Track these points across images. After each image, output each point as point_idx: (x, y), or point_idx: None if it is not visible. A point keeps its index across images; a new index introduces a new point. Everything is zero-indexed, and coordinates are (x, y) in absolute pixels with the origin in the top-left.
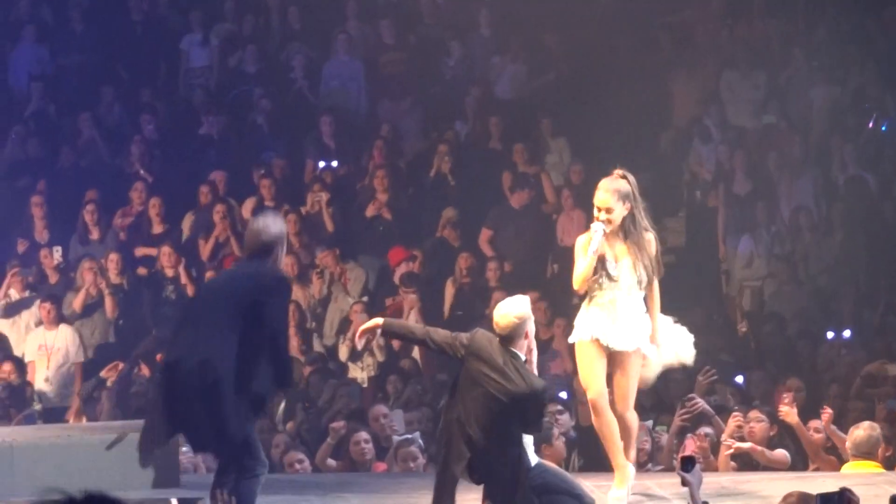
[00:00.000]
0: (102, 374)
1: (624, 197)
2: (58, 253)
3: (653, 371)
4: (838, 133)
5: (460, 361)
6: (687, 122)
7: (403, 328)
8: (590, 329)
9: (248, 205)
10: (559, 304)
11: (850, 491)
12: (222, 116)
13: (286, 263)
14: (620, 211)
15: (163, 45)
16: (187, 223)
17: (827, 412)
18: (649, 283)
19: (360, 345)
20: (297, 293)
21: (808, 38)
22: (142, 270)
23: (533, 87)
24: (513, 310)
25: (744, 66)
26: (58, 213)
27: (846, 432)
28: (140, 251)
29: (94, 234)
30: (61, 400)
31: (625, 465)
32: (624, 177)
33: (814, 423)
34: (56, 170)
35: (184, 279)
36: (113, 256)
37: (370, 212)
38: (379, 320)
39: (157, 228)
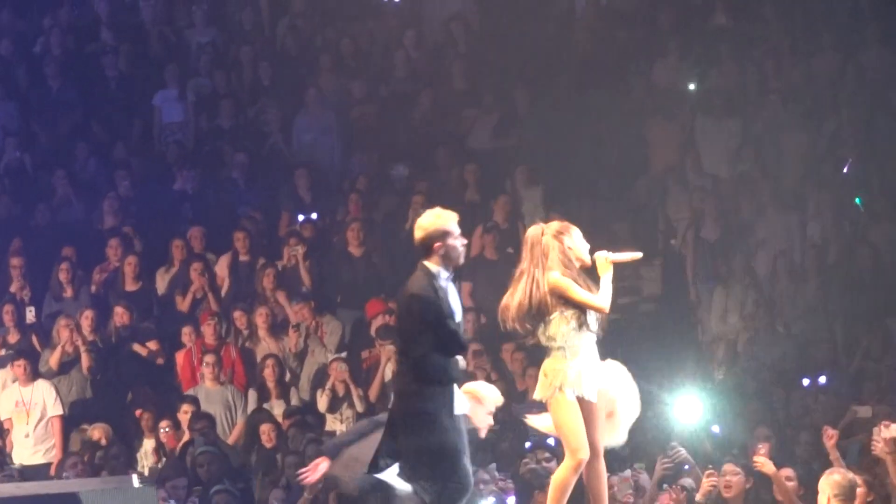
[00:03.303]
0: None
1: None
2: (31, 313)
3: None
4: (813, 179)
5: None
6: (662, 170)
7: None
8: (577, 386)
9: (223, 261)
10: (534, 354)
11: None
12: (197, 171)
13: (260, 314)
14: None
15: (137, 100)
16: (161, 279)
17: (831, 433)
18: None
19: None
20: (273, 346)
21: (782, 83)
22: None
23: (507, 138)
24: None
25: (718, 112)
26: (35, 270)
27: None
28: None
29: (69, 293)
30: (45, 454)
31: None
32: None
33: (785, 472)
34: (31, 227)
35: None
36: (87, 313)
37: (346, 264)
38: None
39: (131, 286)
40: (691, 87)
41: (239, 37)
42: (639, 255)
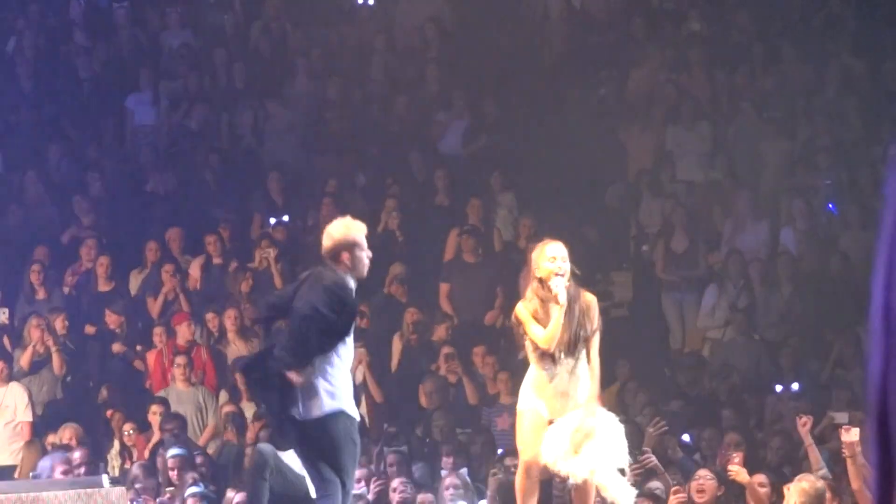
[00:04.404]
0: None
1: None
2: (4, 315)
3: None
4: (786, 187)
5: None
6: (635, 176)
7: None
8: (532, 399)
9: (196, 263)
10: (506, 359)
11: None
12: (169, 173)
13: (229, 316)
14: (568, 266)
15: (109, 102)
16: (134, 281)
17: (805, 419)
18: (586, 340)
19: None
20: (242, 348)
21: (756, 90)
22: (89, 328)
23: (480, 142)
24: None
25: (691, 118)
26: (7, 271)
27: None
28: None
29: (41, 294)
30: (10, 456)
31: None
32: None
33: (758, 478)
34: (3, 228)
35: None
36: (59, 314)
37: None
38: None
39: (104, 286)
40: (664, 92)
41: (212, 39)
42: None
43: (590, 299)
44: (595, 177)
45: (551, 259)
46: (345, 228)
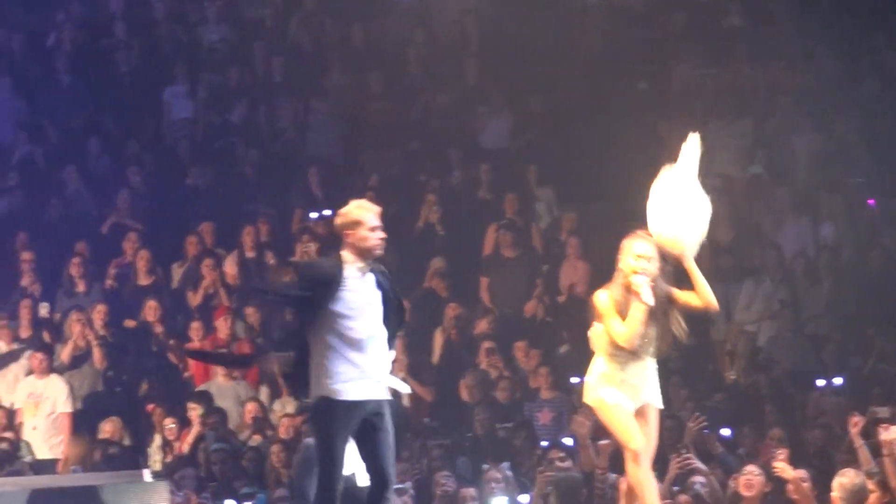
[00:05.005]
0: None
1: (659, 254)
2: (45, 309)
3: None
4: (826, 181)
5: None
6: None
7: None
8: (614, 391)
9: (232, 257)
10: (547, 353)
11: None
12: (209, 167)
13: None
14: (656, 265)
15: (149, 96)
16: (176, 275)
17: (856, 419)
18: (676, 342)
19: None
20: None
21: (794, 84)
22: (129, 322)
23: (519, 137)
24: None
25: (730, 113)
26: (46, 264)
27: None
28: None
29: (81, 287)
30: (50, 449)
31: None
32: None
33: (799, 473)
34: (44, 222)
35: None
36: (99, 308)
37: None
38: None
39: (144, 280)
40: (704, 87)
41: (251, 33)
42: (648, 302)
43: (679, 310)
44: (635, 171)
45: (636, 257)
46: (354, 208)
